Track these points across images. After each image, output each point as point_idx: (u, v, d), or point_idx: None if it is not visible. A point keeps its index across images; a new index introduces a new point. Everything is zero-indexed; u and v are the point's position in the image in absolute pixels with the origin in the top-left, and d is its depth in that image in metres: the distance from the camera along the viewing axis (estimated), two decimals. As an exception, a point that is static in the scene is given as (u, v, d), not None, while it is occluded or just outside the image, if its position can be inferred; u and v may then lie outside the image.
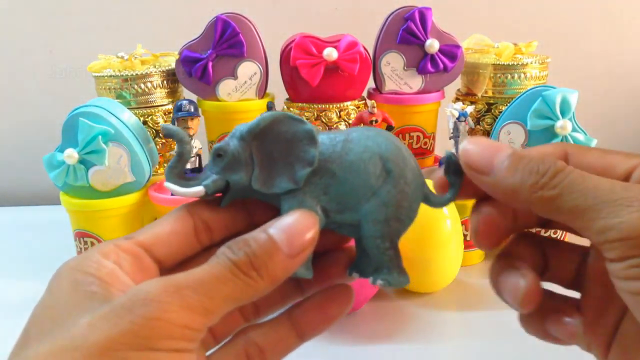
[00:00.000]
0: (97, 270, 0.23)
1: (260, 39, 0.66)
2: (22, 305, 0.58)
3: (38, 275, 0.65)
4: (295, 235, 0.24)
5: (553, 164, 0.23)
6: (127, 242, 0.25)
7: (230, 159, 0.27)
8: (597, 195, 0.22)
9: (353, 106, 0.66)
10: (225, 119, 0.68)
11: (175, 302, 0.21)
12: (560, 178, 0.23)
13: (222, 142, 0.27)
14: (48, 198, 0.90)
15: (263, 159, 0.27)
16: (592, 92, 0.93)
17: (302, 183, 0.26)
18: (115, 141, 0.58)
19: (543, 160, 0.24)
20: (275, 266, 0.24)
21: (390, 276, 0.28)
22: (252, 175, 0.27)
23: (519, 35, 0.75)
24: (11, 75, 0.91)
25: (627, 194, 0.21)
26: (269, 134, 0.27)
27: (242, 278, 0.23)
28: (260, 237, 0.24)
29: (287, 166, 0.27)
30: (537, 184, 0.23)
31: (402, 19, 0.65)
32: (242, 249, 0.23)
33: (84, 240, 0.61)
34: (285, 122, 0.27)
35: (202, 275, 0.23)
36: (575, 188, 0.22)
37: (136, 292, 0.22)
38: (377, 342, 0.50)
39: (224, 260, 0.23)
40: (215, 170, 0.27)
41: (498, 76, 0.66)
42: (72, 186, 0.60)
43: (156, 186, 0.63)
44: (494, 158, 0.24)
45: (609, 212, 0.21)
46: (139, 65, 0.66)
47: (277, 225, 0.25)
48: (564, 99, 0.57)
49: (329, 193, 0.27)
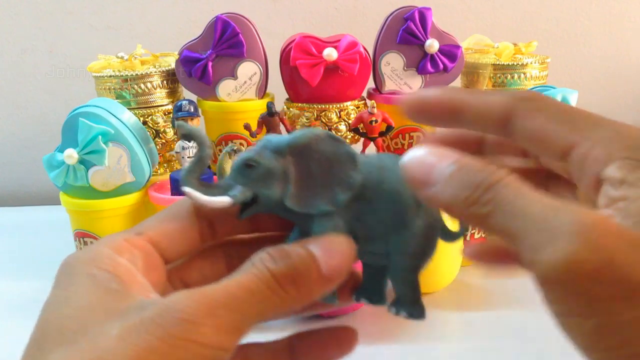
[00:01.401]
0: (114, 267, 0.22)
1: (260, 39, 0.66)
2: (22, 305, 0.58)
3: (38, 275, 0.65)
4: (335, 257, 0.24)
5: (489, 174, 0.21)
6: (138, 239, 0.25)
7: (263, 172, 0.25)
8: (524, 221, 0.19)
9: (353, 106, 0.66)
10: (225, 119, 0.68)
11: (209, 323, 0.20)
12: (492, 194, 0.20)
13: (251, 152, 0.26)
14: (48, 198, 0.90)
15: (300, 176, 0.26)
16: (592, 92, 0.93)
17: (340, 206, 0.26)
18: (115, 141, 0.58)
19: (482, 169, 0.21)
20: (312, 284, 0.23)
21: (413, 309, 0.27)
22: (287, 192, 0.25)
23: (519, 35, 0.75)
24: (11, 75, 0.91)
25: (554, 224, 0.18)
26: (308, 151, 0.26)
27: (277, 292, 0.22)
28: (301, 251, 0.23)
29: (325, 187, 0.26)
30: (469, 198, 0.21)
31: (402, 19, 0.65)
32: (283, 260, 0.22)
33: (83, 240, 0.61)
34: (326, 141, 0.26)
35: (236, 290, 0.21)
36: (505, 207, 0.20)
37: (168, 306, 0.21)
38: (377, 342, 0.50)
39: (261, 270, 0.22)
40: (242, 181, 0.26)
41: (498, 76, 0.66)
42: (72, 186, 0.60)
43: (156, 186, 0.63)
44: (433, 169, 0.22)
45: (534, 244, 0.19)
46: (139, 66, 0.66)
47: (318, 243, 0.24)
48: (563, 99, 0.57)
49: (361, 219, 0.26)
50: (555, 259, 0.18)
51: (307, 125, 0.66)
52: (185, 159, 0.59)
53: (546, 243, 0.18)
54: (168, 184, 0.61)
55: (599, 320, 0.17)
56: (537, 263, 0.18)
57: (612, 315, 0.17)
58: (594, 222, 0.18)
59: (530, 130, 0.23)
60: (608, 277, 0.17)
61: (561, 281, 0.18)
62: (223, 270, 0.28)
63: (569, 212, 0.18)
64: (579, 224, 0.18)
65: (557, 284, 0.18)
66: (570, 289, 0.18)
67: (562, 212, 0.18)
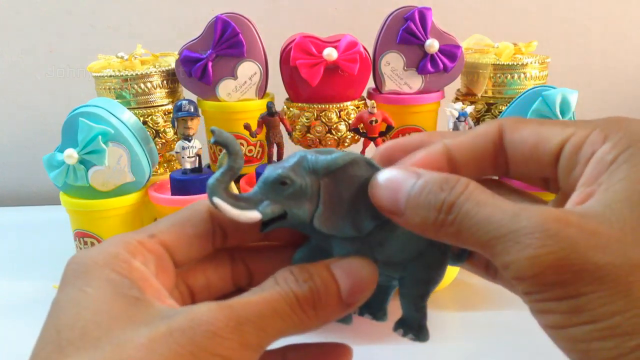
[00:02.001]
0: (129, 272, 0.22)
1: (260, 39, 0.66)
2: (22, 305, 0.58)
3: (38, 275, 0.66)
4: (357, 284, 0.24)
5: (448, 192, 0.22)
6: (151, 242, 0.24)
7: (296, 191, 0.25)
8: (489, 230, 0.20)
9: (353, 106, 0.66)
10: (225, 119, 0.68)
11: (236, 339, 0.21)
12: (455, 212, 0.21)
13: (286, 169, 0.25)
14: (48, 198, 0.90)
15: (330, 198, 0.25)
16: (592, 92, 0.93)
17: (365, 234, 0.26)
18: (115, 141, 0.58)
19: (441, 185, 0.22)
20: (331, 309, 0.23)
21: (421, 333, 0.28)
22: (315, 212, 0.25)
23: (519, 35, 0.75)
24: (11, 75, 0.91)
25: (516, 226, 0.20)
26: (343, 174, 0.25)
27: (298, 314, 0.22)
28: (324, 275, 0.23)
29: (354, 212, 0.25)
30: (437, 221, 0.22)
31: (402, 19, 0.65)
32: (307, 282, 0.23)
33: (84, 240, 0.61)
34: (362, 166, 0.26)
35: (261, 308, 0.22)
36: (470, 222, 0.21)
37: (195, 317, 0.21)
38: (377, 342, 0.50)
39: (285, 291, 0.22)
40: (273, 197, 0.25)
41: (498, 76, 0.66)
42: (72, 186, 0.60)
43: (156, 186, 0.63)
44: (398, 194, 0.23)
45: (502, 249, 0.20)
46: (139, 65, 0.66)
47: (341, 267, 0.24)
48: (564, 99, 0.57)
49: (384, 245, 0.26)
50: (523, 256, 0.19)
51: (307, 125, 0.66)
52: (185, 159, 0.59)
53: (513, 245, 0.19)
54: (168, 184, 0.61)
55: (571, 301, 0.19)
56: (509, 264, 0.20)
57: (582, 294, 0.19)
58: (554, 218, 0.19)
59: (523, 138, 0.24)
60: (573, 263, 0.19)
61: (533, 275, 0.19)
62: (227, 275, 0.28)
63: (528, 213, 0.20)
64: (539, 221, 0.19)
65: (530, 278, 0.19)
66: (541, 279, 0.19)
67: (522, 214, 0.20)
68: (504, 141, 0.24)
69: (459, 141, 0.25)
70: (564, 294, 0.19)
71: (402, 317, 0.28)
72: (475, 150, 0.25)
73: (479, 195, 0.21)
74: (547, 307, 0.19)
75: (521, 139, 0.24)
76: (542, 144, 0.23)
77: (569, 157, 0.23)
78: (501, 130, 0.25)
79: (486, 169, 0.25)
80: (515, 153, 0.24)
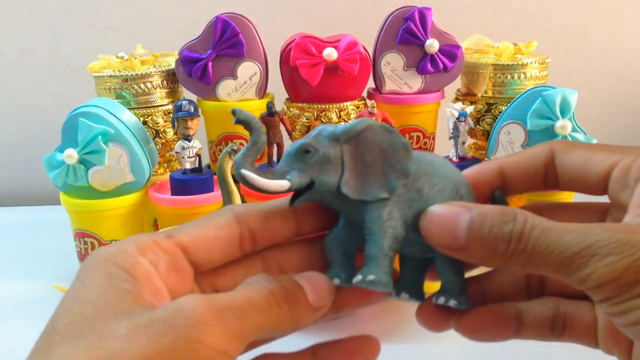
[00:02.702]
0: (132, 267, 0.23)
1: (260, 39, 0.66)
2: (22, 305, 0.59)
3: (38, 275, 0.66)
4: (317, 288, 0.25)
5: (513, 223, 0.23)
6: (167, 241, 0.25)
7: (320, 158, 0.26)
8: (562, 251, 0.22)
9: (353, 106, 0.66)
10: (225, 119, 0.68)
11: (217, 326, 0.21)
12: (525, 241, 0.23)
13: (307, 139, 0.26)
14: (48, 198, 0.90)
15: (354, 164, 0.26)
16: (592, 92, 0.93)
17: (394, 193, 0.26)
18: (115, 141, 0.58)
19: (502, 217, 0.24)
20: (302, 309, 0.25)
21: (461, 297, 0.28)
22: (342, 178, 0.26)
23: (519, 35, 0.75)
24: (11, 75, 0.91)
25: (589, 242, 0.22)
26: (363, 139, 0.27)
27: (275, 309, 0.23)
28: (290, 279, 0.25)
29: (379, 175, 0.26)
30: (507, 252, 0.23)
31: (402, 19, 0.65)
32: (278, 281, 0.24)
33: (84, 240, 0.61)
34: (379, 132, 0.27)
35: (241, 300, 0.23)
36: (540, 248, 0.23)
37: (178, 308, 0.21)
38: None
39: (262, 287, 0.24)
40: (299, 166, 0.26)
41: (498, 76, 0.66)
42: (72, 186, 0.60)
43: (156, 186, 0.63)
44: (456, 232, 0.24)
45: (579, 265, 0.22)
46: (139, 66, 0.66)
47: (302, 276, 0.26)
48: (564, 99, 0.57)
49: (412, 208, 0.26)
50: (603, 264, 0.22)
51: (307, 125, 0.66)
52: (185, 159, 0.60)
53: (590, 258, 0.22)
54: (168, 184, 0.61)
55: None
56: (588, 275, 0.22)
57: None
58: (621, 229, 0.22)
59: (573, 160, 0.27)
60: None
61: (614, 278, 0.22)
62: None
63: (596, 229, 0.22)
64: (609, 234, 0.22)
65: (611, 282, 0.22)
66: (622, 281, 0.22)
67: (591, 232, 0.22)
68: (555, 161, 0.28)
69: (511, 160, 0.29)
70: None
71: (441, 287, 0.28)
72: (527, 168, 0.28)
73: (541, 222, 0.23)
74: (629, 306, 0.22)
75: (572, 160, 0.27)
76: (591, 167, 0.27)
77: (617, 180, 0.26)
78: (553, 151, 0.28)
79: (536, 185, 0.29)
80: (565, 172, 0.27)
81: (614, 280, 0.22)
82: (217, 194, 0.58)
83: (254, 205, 0.27)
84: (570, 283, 0.23)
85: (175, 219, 0.58)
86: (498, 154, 0.62)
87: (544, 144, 0.28)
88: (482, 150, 0.70)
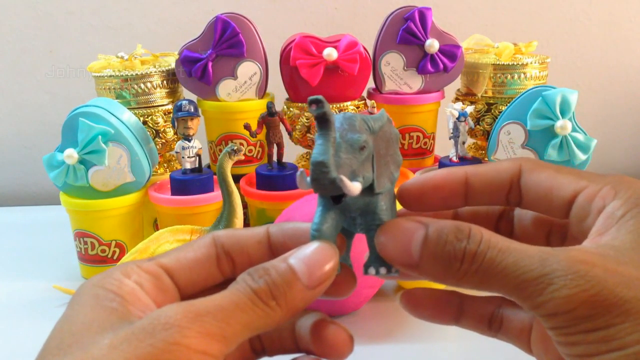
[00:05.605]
0: (118, 288, 0.24)
1: (260, 39, 0.66)
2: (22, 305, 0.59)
3: (38, 275, 0.66)
4: (315, 266, 0.24)
5: (466, 241, 0.23)
6: (148, 263, 0.26)
7: (368, 154, 0.25)
8: (518, 275, 0.22)
9: (353, 106, 0.66)
10: (225, 119, 0.68)
11: (194, 328, 0.21)
12: (479, 261, 0.23)
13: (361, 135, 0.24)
14: (48, 198, 0.90)
15: (378, 157, 0.26)
16: (592, 92, 0.94)
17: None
18: (115, 141, 0.58)
19: (456, 235, 0.23)
20: (294, 296, 0.24)
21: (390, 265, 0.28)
22: (374, 173, 0.25)
23: (519, 35, 0.75)
24: (11, 75, 0.91)
25: (547, 270, 0.22)
26: (382, 132, 0.26)
27: (261, 307, 0.23)
28: (280, 267, 0.24)
29: (386, 166, 0.26)
30: (460, 271, 0.23)
31: (402, 19, 0.65)
32: (262, 277, 0.24)
33: (84, 240, 0.61)
34: (389, 123, 0.27)
35: (221, 302, 0.23)
36: (496, 269, 0.22)
37: (157, 316, 0.22)
38: (377, 342, 0.50)
39: (244, 288, 0.23)
40: (355, 162, 0.24)
41: (498, 76, 0.66)
42: (72, 186, 0.60)
43: (156, 186, 0.63)
44: (409, 248, 0.24)
45: (534, 292, 0.22)
46: (139, 65, 0.66)
47: (297, 255, 0.24)
48: (564, 99, 0.57)
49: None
50: (559, 295, 0.21)
51: (307, 125, 0.66)
52: (185, 159, 0.60)
53: (546, 286, 0.22)
54: (168, 184, 0.61)
55: (601, 332, 0.21)
56: (543, 303, 0.22)
57: (611, 325, 0.21)
58: (581, 261, 0.22)
59: (539, 181, 0.26)
60: (604, 299, 0.21)
61: (567, 310, 0.21)
62: None
63: (556, 257, 0.22)
64: (568, 265, 0.22)
65: (564, 314, 0.22)
66: (574, 314, 0.21)
67: (550, 259, 0.22)
68: (521, 180, 0.27)
69: (479, 171, 0.28)
70: (595, 326, 0.21)
71: (368, 259, 0.27)
72: (492, 181, 0.28)
73: (498, 242, 0.23)
74: (577, 339, 0.22)
75: (538, 181, 0.26)
76: (556, 190, 0.26)
77: (581, 206, 0.25)
78: (520, 169, 0.27)
79: (499, 199, 0.28)
80: (529, 192, 0.27)
81: (567, 312, 0.21)
82: (217, 194, 0.58)
83: (233, 230, 0.28)
84: (524, 306, 0.23)
85: (175, 219, 0.58)
86: (498, 154, 0.62)
87: (514, 160, 0.28)
88: (482, 150, 0.70)
